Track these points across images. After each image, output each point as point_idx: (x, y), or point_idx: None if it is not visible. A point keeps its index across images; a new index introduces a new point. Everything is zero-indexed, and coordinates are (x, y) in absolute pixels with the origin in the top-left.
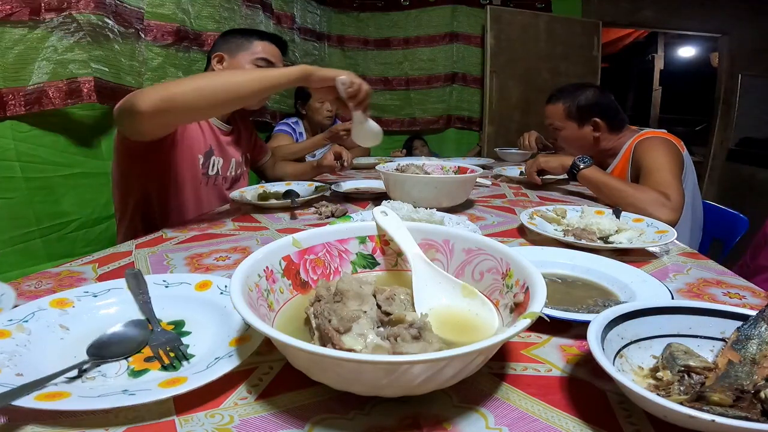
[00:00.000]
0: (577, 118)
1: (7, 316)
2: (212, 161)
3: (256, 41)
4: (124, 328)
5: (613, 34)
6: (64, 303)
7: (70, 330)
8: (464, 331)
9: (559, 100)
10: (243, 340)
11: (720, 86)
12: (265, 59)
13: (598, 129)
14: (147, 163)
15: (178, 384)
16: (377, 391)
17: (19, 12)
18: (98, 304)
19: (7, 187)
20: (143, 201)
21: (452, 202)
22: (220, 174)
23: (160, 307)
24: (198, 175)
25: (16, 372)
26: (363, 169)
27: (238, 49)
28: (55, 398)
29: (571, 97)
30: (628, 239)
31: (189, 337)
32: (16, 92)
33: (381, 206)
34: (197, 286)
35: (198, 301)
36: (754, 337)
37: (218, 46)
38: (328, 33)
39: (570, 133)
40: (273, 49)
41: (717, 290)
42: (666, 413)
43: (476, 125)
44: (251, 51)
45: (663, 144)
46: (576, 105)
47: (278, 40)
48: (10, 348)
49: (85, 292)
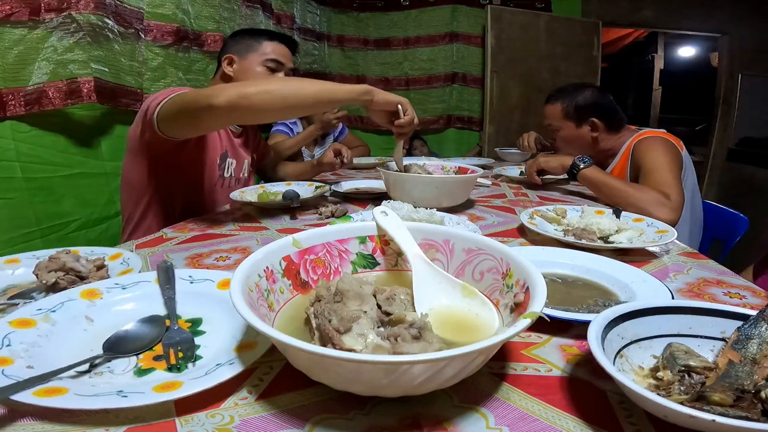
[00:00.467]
0: (575, 118)
1: (37, 305)
2: (227, 163)
3: (265, 42)
4: (141, 324)
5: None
6: (94, 294)
7: (95, 321)
8: (464, 331)
9: (557, 100)
10: (248, 347)
11: (720, 86)
12: (275, 60)
13: (596, 129)
14: (170, 163)
15: (172, 389)
16: (377, 391)
17: (19, 12)
18: (126, 296)
19: (7, 187)
20: (158, 202)
21: (452, 202)
22: (234, 176)
23: (183, 303)
24: (215, 177)
25: (28, 364)
26: (363, 169)
27: (248, 51)
28: (52, 394)
29: (569, 98)
30: (628, 239)
31: (203, 336)
32: (16, 92)
33: (381, 206)
34: (219, 285)
35: (217, 300)
36: (754, 336)
37: (228, 47)
38: (328, 33)
39: (568, 133)
40: (282, 49)
41: (717, 290)
42: (666, 413)
43: (476, 125)
44: (261, 52)
45: (662, 144)
46: (574, 105)
47: (287, 39)
48: (31, 338)
49: (116, 284)
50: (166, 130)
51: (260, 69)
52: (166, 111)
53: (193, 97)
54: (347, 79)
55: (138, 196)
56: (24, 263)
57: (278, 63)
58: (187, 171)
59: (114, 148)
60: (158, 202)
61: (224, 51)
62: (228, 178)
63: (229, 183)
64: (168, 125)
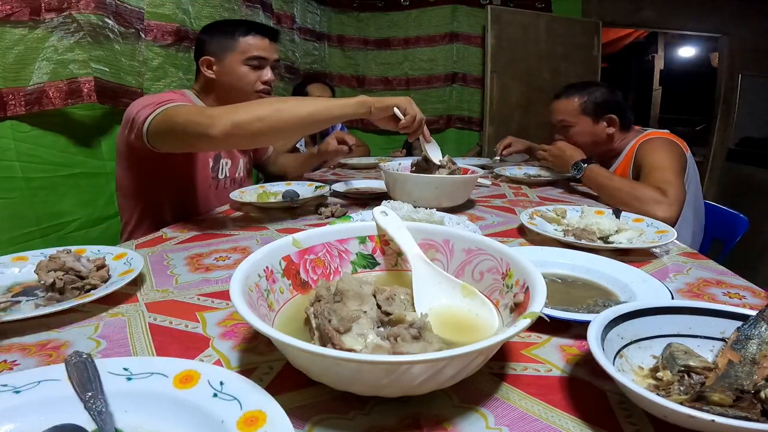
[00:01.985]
0: (592, 113)
1: None
2: (221, 164)
3: (241, 38)
4: None
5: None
6: None
7: None
8: (464, 331)
9: (572, 95)
10: None
11: (720, 86)
12: (257, 57)
13: (613, 125)
14: (161, 168)
15: None
16: (377, 391)
17: (19, 12)
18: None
19: (7, 187)
20: (152, 207)
21: (452, 202)
22: (228, 176)
23: (121, 410)
24: (208, 179)
25: None
26: (363, 169)
27: (225, 51)
28: None
29: (585, 93)
30: (628, 239)
31: None
32: (16, 92)
33: (381, 206)
34: (177, 380)
35: (178, 405)
36: (754, 337)
37: (204, 47)
38: (328, 33)
39: (583, 129)
40: (261, 41)
41: (717, 290)
42: (666, 413)
43: (476, 125)
44: (240, 51)
45: (666, 144)
46: (592, 100)
47: (265, 29)
48: None
49: (3, 386)
50: (155, 144)
51: (243, 69)
52: (156, 127)
53: (185, 122)
54: (347, 79)
55: (133, 201)
56: (32, 261)
57: (261, 59)
58: (179, 175)
59: (114, 148)
60: (152, 208)
61: (200, 51)
62: (222, 180)
63: (224, 184)
64: (157, 141)
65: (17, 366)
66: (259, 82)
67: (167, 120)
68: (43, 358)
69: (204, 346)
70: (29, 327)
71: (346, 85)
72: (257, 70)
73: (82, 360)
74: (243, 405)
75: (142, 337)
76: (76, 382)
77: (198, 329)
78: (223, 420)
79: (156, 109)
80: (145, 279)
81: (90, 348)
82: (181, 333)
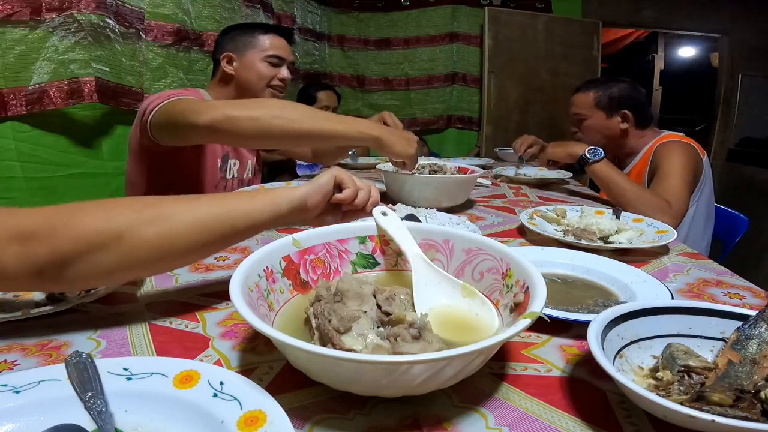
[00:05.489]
0: (606, 107)
1: None
2: (229, 165)
3: (261, 36)
4: None
5: (613, 34)
6: None
7: None
8: (464, 331)
9: (589, 89)
10: None
11: (720, 86)
12: (275, 56)
13: (627, 121)
14: (170, 165)
15: None
16: (377, 391)
17: (20, 12)
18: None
19: (8, 187)
20: None
21: (452, 202)
22: (237, 177)
23: (121, 410)
24: (217, 179)
25: None
26: (363, 169)
27: (246, 47)
28: None
29: (603, 87)
30: (628, 239)
31: None
32: (17, 92)
33: (381, 206)
34: (177, 380)
35: (178, 405)
36: (754, 337)
37: (223, 45)
38: (328, 33)
39: (595, 123)
40: (281, 42)
41: (717, 290)
42: (666, 413)
43: (476, 125)
44: (260, 48)
45: (683, 149)
46: (608, 95)
47: (283, 30)
48: None
49: (3, 386)
50: (157, 136)
51: (262, 65)
52: (158, 118)
53: (181, 110)
54: (347, 79)
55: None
56: None
57: (279, 58)
58: (187, 173)
59: (114, 148)
60: None
61: (220, 49)
62: (230, 180)
63: (231, 185)
64: (159, 132)
65: (17, 366)
66: (276, 78)
67: (168, 110)
68: (43, 358)
69: (204, 346)
70: (29, 327)
71: (346, 85)
72: (275, 67)
73: (82, 360)
74: (243, 405)
75: (142, 337)
76: (76, 382)
77: (198, 329)
78: (223, 420)
79: (166, 100)
80: (145, 279)
81: (90, 348)
82: (181, 333)
